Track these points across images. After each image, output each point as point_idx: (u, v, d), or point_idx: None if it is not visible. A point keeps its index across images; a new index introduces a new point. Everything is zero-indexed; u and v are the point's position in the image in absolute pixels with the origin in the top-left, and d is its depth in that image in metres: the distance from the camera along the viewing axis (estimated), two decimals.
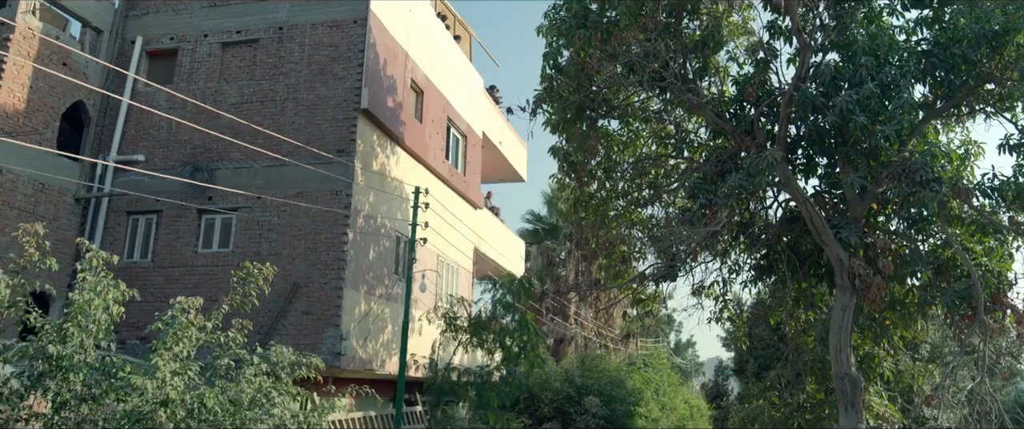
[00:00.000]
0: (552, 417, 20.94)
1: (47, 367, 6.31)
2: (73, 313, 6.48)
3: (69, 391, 6.32)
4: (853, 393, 12.88)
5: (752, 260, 16.05)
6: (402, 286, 16.43)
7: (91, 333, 6.51)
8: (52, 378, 6.31)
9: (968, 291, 12.75)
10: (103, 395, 6.45)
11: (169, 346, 6.83)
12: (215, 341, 7.38)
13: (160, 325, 7.06)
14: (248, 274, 7.84)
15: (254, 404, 7.08)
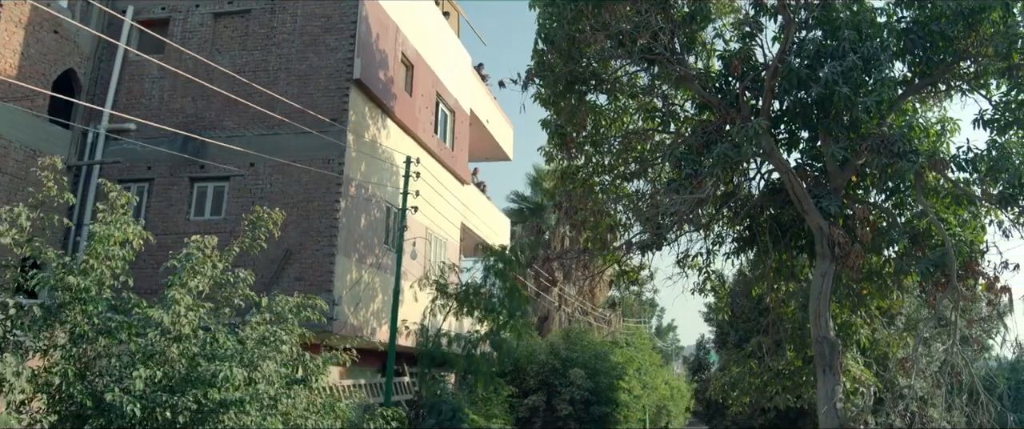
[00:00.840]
0: (537, 389, 21.33)
1: (67, 298, 6.55)
2: (93, 245, 6.70)
3: (87, 323, 6.55)
4: (831, 356, 13.35)
5: (735, 232, 16.45)
6: (392, 256, 16.69)
7: (110, 267, 6.73)
8: (71, 309, 6.55)
9: (942, 259, 13.22)
10: (119, 329, 6.70)
11: (184, 281, 7.07)
12: (226, 280, 7.62)
13: (175, 263, 7.31)
14: (258, 218, 8.08)
15: (263, 342, 7.35)
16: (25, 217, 6.49)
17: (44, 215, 6.77)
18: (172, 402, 6.32)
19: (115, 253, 6.82)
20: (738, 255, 16.52)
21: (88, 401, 6.29)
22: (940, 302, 13.88)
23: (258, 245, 8.04)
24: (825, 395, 13.24)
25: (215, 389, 6.45)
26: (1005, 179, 12.97)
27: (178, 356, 6.78)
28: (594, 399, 21.58)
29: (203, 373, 6.58)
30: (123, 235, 6.82)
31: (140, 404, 6.15)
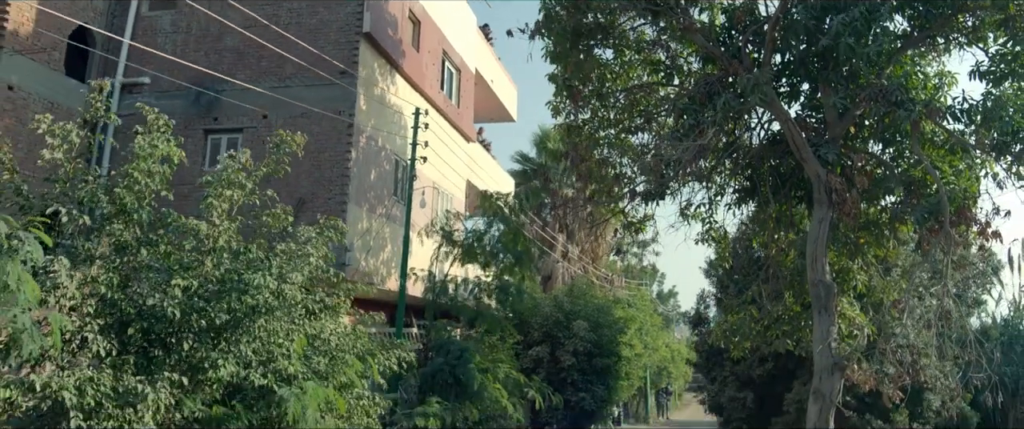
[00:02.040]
0: (541, 341, 21.88)
1: (112, 209, 6.99)
2: (135, 161, 7.13)
3: (130, 235, 7.01)
4: (827, 298, 13.82)
5: (736, 183, 16.86)
6: (401, 208, 17.12)
7: (150, 182, 7.18)
8: (117, 220, 7.00)
9: (937, 206, 13.64)
10: (160, 240, 7.16)
11: (219, 193, 7.53)
12: (255, 200, 8.08)
13: (209, 178, 7.77)
14: (281, 140, 8.51)
15: (291, 257, 7.83)
16: (75, 133, 6.90)
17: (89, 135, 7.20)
18: (207, 309, 6.80)
19: (155, 169, 7.26)
20: (739, 206, 16.93)
21: (131, 309, 6.77)
22: (933, 248, 14.33)
23: (283, 168, 8.48)
24: (821, 335, 13.73)
25: (248, 295, 6.92)
26: (998, 127, 13.32)
27: (212, 268, 7.26)
28: (597, 351, 22.13)
29: (236, 282, 7.06)
30: (163, 151, 7.26)
31: (179, 309, 6.64)
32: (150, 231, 7.23)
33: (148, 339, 6.95)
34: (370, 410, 8.92)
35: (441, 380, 13.99)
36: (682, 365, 52.76)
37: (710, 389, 27.57)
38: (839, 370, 13.66)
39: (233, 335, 7.10)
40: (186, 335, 6.88)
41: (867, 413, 20.22)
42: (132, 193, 7.01)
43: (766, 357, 22.02)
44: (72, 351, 6.50)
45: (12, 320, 5.66)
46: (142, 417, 6.10)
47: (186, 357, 6.85)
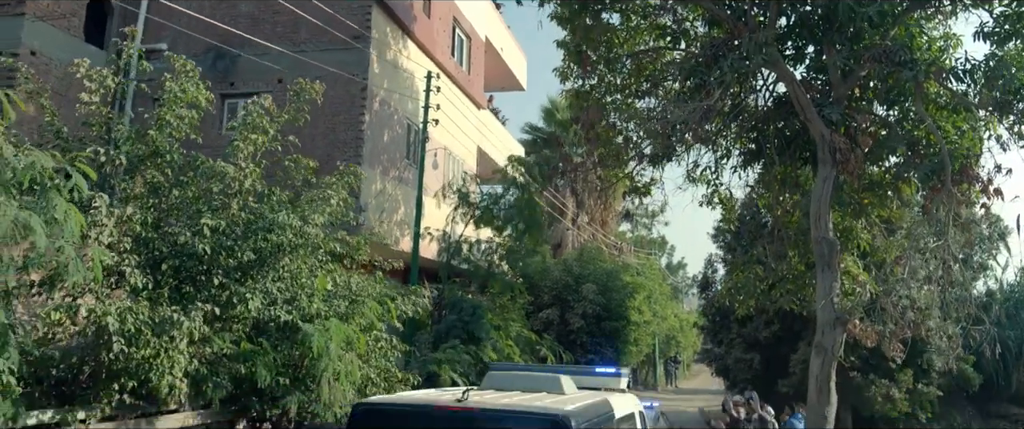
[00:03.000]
0: (551, 304, 22.28)
1: (146, 151, 7.40)
2: (166, 106, 7.53)
3: (163, 176, 7.43)
4: (830, 255, 14.14)
5: (741, 146, 17.12)
6: (413, 171, 17.50)
7: (180, 126, 7.58)
8: (149, 162, 7.41)
9: (939, 165, 13.89)
10: (190, 182, 7.58)
11: (245, 136, 7.93)
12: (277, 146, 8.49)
13: (233, 125, 8.17)
14: (301, 89, 8.89)
15: (312, 199, 8.26)
16: (111, 79, 7.30)
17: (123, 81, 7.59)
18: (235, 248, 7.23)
19: (184, 114, 7.65)
20: (745, 168, 17.20)
21: (163, 247, 7.20)
22: (936, 206, 14.60)
23: (302, 116, 8.86)
24: (823, 291, 14.06)
25: (273, 234, 7.34)
26: (1001, 87, 13.52)
27: (238, 210, 7.67)
28: (605, 315, 22.53)
29: (261, 221, 7.48)
30: (191, 96, 7.65)
31: (209, 246, 7.06)
32: (181, 173, 7.65)
33: (180, 277, 7.39)
34: (388, 353, 9.37)
35: (454, 335, 14.44)
36: (691, 335, 53.23)
37: (717, 352, 28.00)
38: (841, 325, 14.01)
39: (259, 273, 7.53)
40: (215, 272, 7.32)
41: (871, 374, 20.60)
42: (164, 135, 7.41)
43: (772, 319, 22.38)
44: (110, 285, 6.93)
45: (58, 251, 6.09)
46: (177, 344, 6.54)
47: (215, 293, 7.28)
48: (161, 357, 6.63)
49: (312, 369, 7.96)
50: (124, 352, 6.37)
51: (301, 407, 8.19)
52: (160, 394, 7.08)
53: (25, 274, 6.32)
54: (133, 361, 6.70)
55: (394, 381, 9.76)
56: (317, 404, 8.22)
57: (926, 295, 16.78)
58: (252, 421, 8.64)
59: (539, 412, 5.89)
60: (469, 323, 14.52)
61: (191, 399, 7.85)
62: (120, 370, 6.77)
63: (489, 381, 7.28)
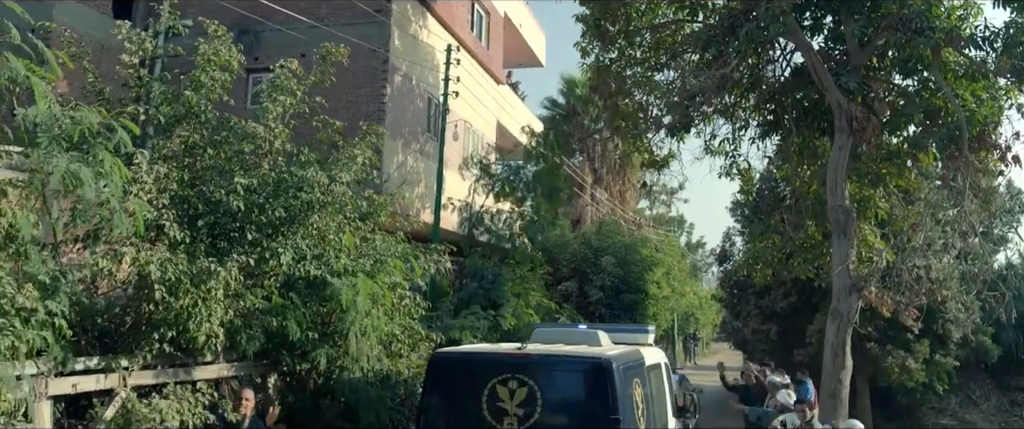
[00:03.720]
0: (570, 277, 22.59)
1: (183, 111, 7.76)
2: (200, 67, 7.87)
3: (198, 136, 7.79)
4: (846, 223, 14.31)
5: (759, 117, 17.24)
6: (434, 144, 17.80)
7: (213, 88, 7.94)
8: (186, 121, 7.77)
9: (956, 132, 13.96)
10: (223, 142, 7.93)
11: (275, 97, 8.28)
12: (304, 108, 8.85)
13: (264, 86, 8.51)
14: (327, 52, 9.22)
15: (338, 159, 8.60)
16: (149, 41, 7.64)
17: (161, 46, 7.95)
18: (266, 206, 7.58)
19: (217, 76, 7.99)
20: (763, 139, 17.35)
21: (199, 204, 7.56)
22: (953, 173, 14.68)
23: (329, 78, 9.20)
24: (839, 258, 14.26)
25: (302, 192, 7.68)
26: (1020, 53, 13.54)
27: (269, 169, 8.02)
28: (624, 287, 22.80)
29: (291, 180, 7.82)
30: (224, 58, 7.99)
31: (243, 202, 7.41)
32: (214, 134, 8.00)
33: (214, 233, 7.75)
34: (412, 310, 9.74)
35: (475, 303, 14.75)
36: (710, 312, 53.32)
37: (735, 325, 28.21)
38: (856, 291, 14.20)
39: (289, 230, 7.88)
40: (249, 228, 7.67)
41: (889, 345, 20.73)
42: (199, 95, 7.76)
43: (789, 291, 22.56)
44: (150, 239, 7.30)
45: (103, 205, 6.45)
46: (215, 294, 6.91)
47: (248, 249, 7.64)
48: (199, 306, 7.00)
49: (340, 323, 8.31)
50: (165, 300, 6.74)
51: (330, 361, 8.54)
52: (197, 344, 7.45)
53: (73, 227, 6.69)
54: (172, 311, 7.06)
55: (418, 339, 10.12)
56: (345, 358, 8.58)
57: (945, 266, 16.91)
58: (283, 375, 9.02)
59: (585, 357, 7.34)
60: (490, 290, 14.85)
61: (225, 352, 8.23)
62: (160, 320, 7.15)
63: (535, 337, 8.48)
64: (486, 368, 7.30)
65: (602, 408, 6.90)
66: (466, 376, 7.39)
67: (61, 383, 6.65)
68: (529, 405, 6.93)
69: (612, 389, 6.91)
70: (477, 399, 7.05)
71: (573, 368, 7.36)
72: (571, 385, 7.33)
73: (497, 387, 7.05)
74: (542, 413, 6.92)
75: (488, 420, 6.98)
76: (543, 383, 7.04)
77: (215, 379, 8.20)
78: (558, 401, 7.15)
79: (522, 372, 7.07)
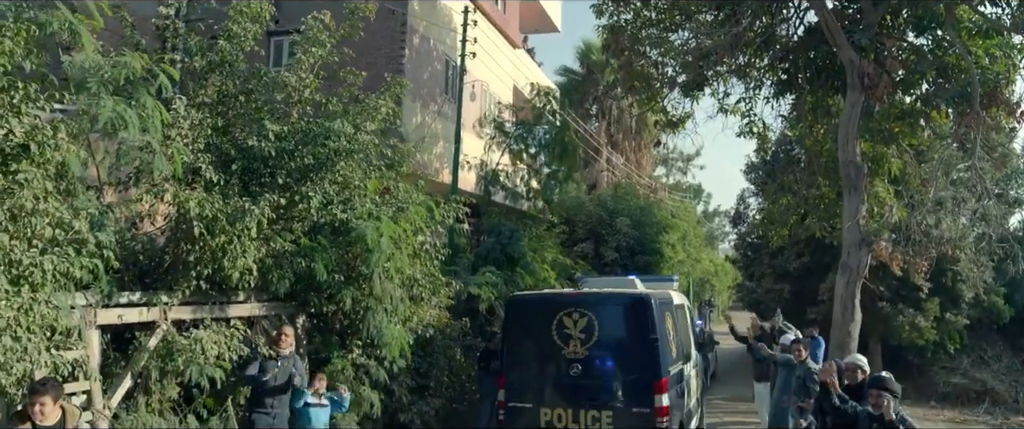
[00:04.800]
0: (586, 238, 22.96)
1: (217, 60, 8.19)
2: (232, 18, 8.27)
3: (230, 83, 8.21)
4: (857, 178, 14.57)
5: (773, 77, 17.42)
6: (452, 106, 18.14)
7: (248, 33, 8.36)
8: (220, 70, 8.20)
9: (968, 88, 14.13)
10: (254, 91, 8.35)
11: (306, 48, 8.69)
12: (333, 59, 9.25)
13: (295, 37, 8.91)
14: (355, 7, 9.59)
15: (364, 109, 9.03)
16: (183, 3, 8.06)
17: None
18: (295, 152, 8.01)
19: (249, 27, 8.39)
20: (776, 99, 17.54)
21: (232, 150, 8.00)
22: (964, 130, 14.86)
23: (356, 31, 9.57)
24: (850, 213, 14.54)
25: (330, 140, 8.10)
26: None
27: (298, 118, 8.44)
28: (639, 248, 23.15)
29: (319, 128, 8.24)
30: (255, 9, 8.38)
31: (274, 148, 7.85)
32: (246, 83, 8.42)
33: (246, 178, 8.19)
34: (434, 257, 10.20)
35: (493, 258, 15.18)
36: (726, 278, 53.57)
37: (749, 286, 28.55)
38: (866, 245, 14.49)
39: (317, 176, 8.31)
40: (279, 173, 8.11)
41: (900, 304, 21.00)
42: (232, 45, 8.16)
43: (802, 251, 22.83)
44: (187, 182, 7.75)
45: (143, 148, 6.89)
46: (249, 230, 7.37)
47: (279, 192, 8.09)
48: (234, 244, 7.46)
49: (364, 266, 8.75)
50: (202, 237, 7.20)
51: (355, 302, 9.00)
52: (231, 282, 7.92)
53: (116, 169, 7.14)
54: (209, 249, 7.53)
55: (438, 284, 10.57)
56: (369, 299, 9.03)
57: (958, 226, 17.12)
58: (311, 316, 9.51)
59: (630, 293, 9.88)
60: (507, 246, 15.26)
61: (256, 292, 8.71)
62: (197, 258, 7.62)
63: (587, 284, 11.33)
64: (554, 304, 9.60)
65: (643, 331, 9.16)
66: (539, 311, 9.65)
67: (108, 313, 7.14)
68: (588, 330, 9.20)
69: (651, 317, 9.14)
70: (548, 327, 9.31)
71: (621, 302, 9.69)
72: (620, 315, 9.57)
73: (563, 318, 9.31)
74: (598, 336, 9.19)
75: (557, 342, 9.27)
76: (598, 314, 9.28)
77: (248, 317, 8.69)
78: (610, 327, 9.37)
79: (582, 306, 9.33)
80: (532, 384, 9.49)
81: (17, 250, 5.43)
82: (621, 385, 9.22)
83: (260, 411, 8.05)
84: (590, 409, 9.04)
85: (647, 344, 9.07)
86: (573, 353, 9.21)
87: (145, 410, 7.52)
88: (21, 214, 5.42)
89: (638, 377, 9.10)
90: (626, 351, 9.30)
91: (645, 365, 9.05)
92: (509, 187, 17.43)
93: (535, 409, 9.30)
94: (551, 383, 9.40)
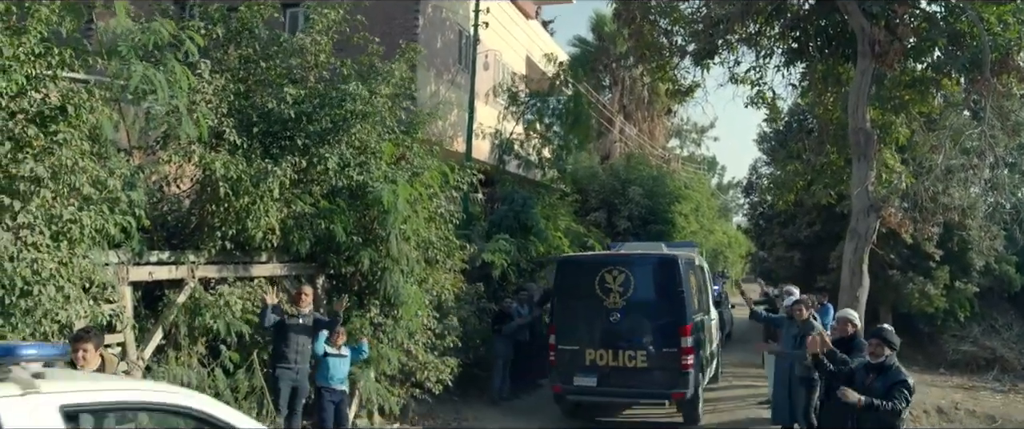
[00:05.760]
0: (598, 208, 23.21)
1: (238, 26, 8.49)
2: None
3: (251, 48, 8.52)
4: (866, 146, 14.69)
5: (784, 46, 17.48)
6: (465, 76, 18.38)
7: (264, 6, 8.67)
8: (240, 37, 8.50)
9: (979, 55, 14.17)
10: (275, 54, 8.67)
11: (321, 11, 8.99)
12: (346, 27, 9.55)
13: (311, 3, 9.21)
14: None
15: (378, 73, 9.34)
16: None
17: None
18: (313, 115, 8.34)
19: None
20: (787, 67, 17.60)
21: (253, 114, 8.32)
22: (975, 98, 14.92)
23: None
24: (858, 180, 14.67)
25: (346, 103, 8.41)
26: None
27: (315, 83, 8.74)
28: (651, 218, 23.36)
29: (335, 92, 8.55)
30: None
31: (293, 110, 8.17)
32: (266, 48, 8.73)
33: (267, 141, 8.53)
34: (449, 220, 10.53)
35: (506, 225, 15.47)
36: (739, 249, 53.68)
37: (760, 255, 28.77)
38: (875, 212, 14.64)
39: (334, 138, 8.63)
40: (298, 135, 8.43)
41: (910, 271, 21.15)
42: (253, 12, 8.46)
43: (814, 220, 22.96)
44: (212, 145, 8.09)
45: (170, 112, 7.22)
46: (271, 191, 7.71)
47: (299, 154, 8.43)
48: (257, 205, 7.81)
49: (381, 227, 9.09)
50: (227, 197, 7.55)
51: (372, 262, 9.35)
52: (254, 242, 8.29)
53: (145, 132, 7.49)
54: (233, 211, 7.89)
55: (453, 247, 10.91)
56: (386, 259, 9.38)
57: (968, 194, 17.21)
58: (330, 276, 9.88)
59: (661, 254, 12.13)
60: (520, 213, 15.55)
61: (278, 253, 9.07)
62: (222, 219, 7.98)
63: (619, 248, 13.47)
64: (597, 264, 11.55)
65: (672, 285, 11.05)
66: (585, 269, 11.54)
67: (139, 271, 7.53)
68: (626, 285, 11.01)
69: (678, 274, 11.04)
70: (592, 282, 11.12)
71: (654, 261, 11.75)
72: (652, 272, 11.48)
73: (605, 274, 11.12)
74: (635, 290, 11.01)
75: (599, 295, 11.05)
76: (634, 271, 11.15)
77: (270, 277, 9.07)
78: (644, 282, 11.22)
79: (621, 265, 11.24)
80: (579, 330, 11.27)
81: (58, 206, 5.77)
82: (653, 329, 11.01)
83: (283, 366, 8.45)
84: (627, 349, 10.93)
85: (675, 296, 10.91)
86: (613, 304, 10.98)
87: (175, 363, 7.94)
88: (62, 172, 5.75)
89: (667, 323, 10.90)
90: (657, 302, 11.23)
91: (673, 313, 10.86)
92: (522, 156, 17.69)
93: (581, 350, 11.11)
94: (595, 329, 11.15)
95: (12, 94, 5.65)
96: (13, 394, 2.81)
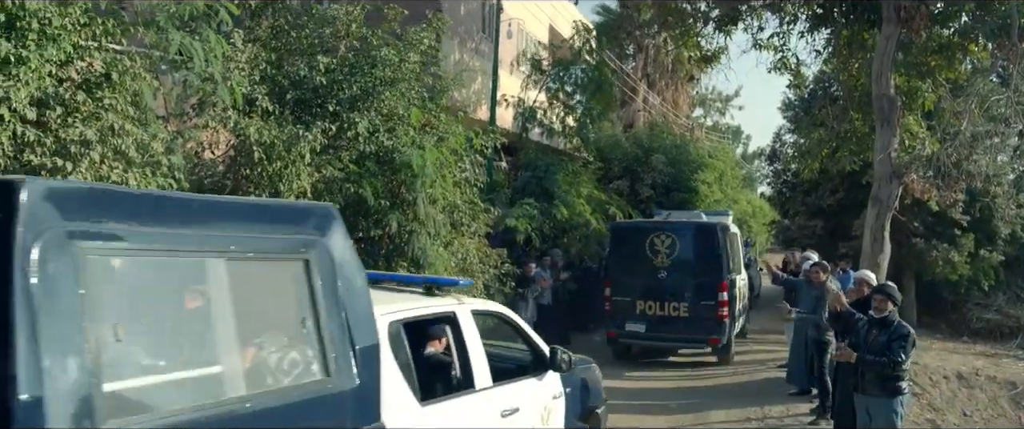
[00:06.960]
0: (621, 176, 23.32)
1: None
2: None
3: (283, 18, 8.79)
4: (890, 112, 14.69)
5: (808, 11, 17.40)
6: (489, 45, 18.53)
7: None
8: (273, 6, 8.78)
9: (1007, 19, 14.06)
10: (305, 26, 8.92)
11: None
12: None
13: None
14: None
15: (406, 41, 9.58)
16: None
17: None
18: (344, 82, 8.60)
19: None
20: (811, 33, 17.54)
21: (285, 82, 8.60)
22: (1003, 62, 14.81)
23: None
24: (882, 146, 14.71)
25: (376, 68, 8.67)
26: None
27: (346, 51, 9.00)
28: (674, 186, 23.43)
29: (366, 58, 8.81)
30: None
31: (325, 77, 8.43)
32: (298, 18, 8.98)
33: (298, 109, 8.81)
34: (474, 184, 10.81)
35: (530, 191, 15.72)
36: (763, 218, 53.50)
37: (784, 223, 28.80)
38: (897, 178, 14.69)
39: (364, 105, 8.89)
40: (330, 101, 8.71)
41: (934, 239, 21.09)
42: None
43: (837, 187, 22.92)
44: (246, 112, 8.38)
45: (206, 80, 7.50)
46: (303, 156, 8.01)
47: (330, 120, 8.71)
48: (289, 169, 8.11)
49: (409, 191, 9.37)
50: (261, 161, 7.85)
51: (400, 226, 9.65)
52: None
53: (182, 99, 7.79)
54: (266, 175, 8.19)
55: (478, 210, 11.18)
56: (414, 222, 9.67)
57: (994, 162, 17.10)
58: (359, 240, 10.19)
59: (703, 222, 14.28)
60: (543, 179, 15.78)
61: None
62: (256, 184, 8.29)
63: (664, 216, 15.35)
64: (647, 229, 13.84)
65: (713, 248, 13.31)
66: (636, 234, 13.86)
67: None
68: (672, 248, 13.27)
69: (717, 239, 13.36)
70: (643, 244, 13.40)
71: (697, 228, 13.86)
72: (696, 237, 13.59)
73: (654, 239, 13.40)
74: (680, 252, 13.23)
75: (648, 256, 13.30)
76: (680, 236, 13.43)
77: None
78: (688, 245, 13.41)
79: (669, 230, 13.53)
80: (631, 285, 13.42)
81: (106, 168, 6.10)
82: (694, 285, 13.12)
83: None
84: (672, 301, 13.14)
85: (714, 257, 13.16)
86: (661, 263, 13.26)
87: None
88: (108, 135, 6.07)
89: (706, 280, 13.06)
90: (698, 262, 13.26)
91: (712, 271, 13.07)
92: (545, 124, 17.87)
93: (632, 301, 13.34)
94: (644, 284, 13.31)
95: (61, 62, 5.95)
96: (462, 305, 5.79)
